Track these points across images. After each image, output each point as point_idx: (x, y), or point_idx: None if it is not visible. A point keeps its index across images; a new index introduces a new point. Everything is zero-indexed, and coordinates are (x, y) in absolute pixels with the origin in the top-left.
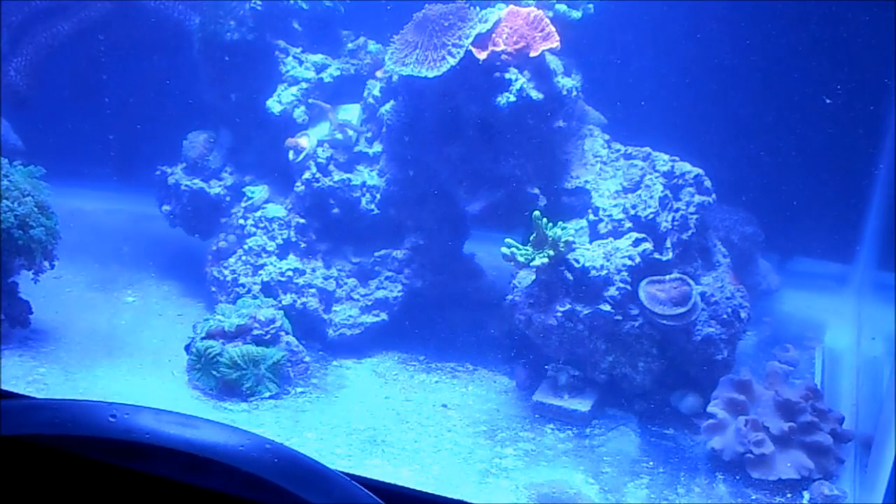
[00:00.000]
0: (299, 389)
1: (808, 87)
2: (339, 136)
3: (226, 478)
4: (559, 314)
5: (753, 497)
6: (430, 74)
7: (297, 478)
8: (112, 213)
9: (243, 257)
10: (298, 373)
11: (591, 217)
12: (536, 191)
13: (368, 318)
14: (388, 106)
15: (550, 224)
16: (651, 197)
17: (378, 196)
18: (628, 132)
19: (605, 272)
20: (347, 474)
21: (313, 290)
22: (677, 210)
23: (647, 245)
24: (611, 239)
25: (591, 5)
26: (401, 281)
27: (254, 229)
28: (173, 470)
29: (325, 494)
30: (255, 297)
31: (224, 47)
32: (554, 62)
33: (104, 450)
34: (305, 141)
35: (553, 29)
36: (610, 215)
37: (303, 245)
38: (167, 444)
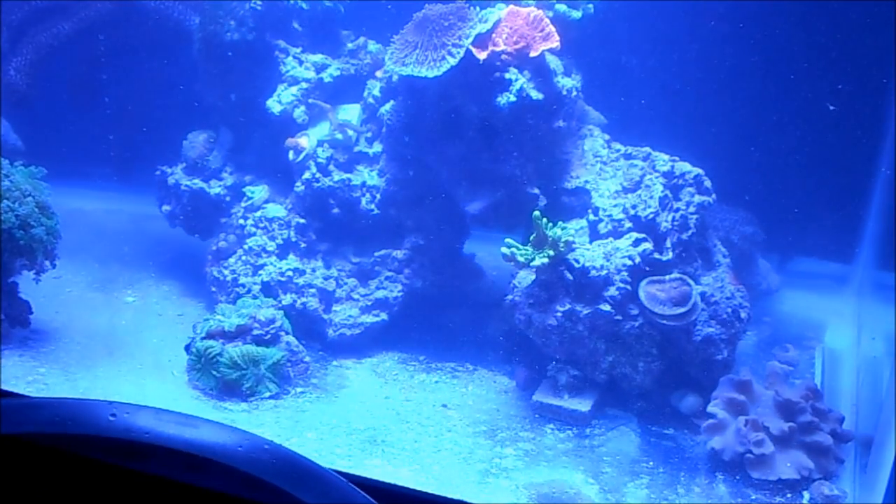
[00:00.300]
0: (299, 389)
1: (809, 87)
2: (339, 136)
3: (225, 478)
4: (559, 314)
5: (753, 497)
6: (430, 74)
7: (295, 479)
8: (112, 213)
9: (243, 257)
10: (298, 373)
11: (591, 217)
12: (536, 191)
13: (368, 318)
14: (388, 106)
15: (550, 224)
16: (651, 197)
17: (378, 196)
18: (628, 132)
19: (605, 272)
20: (345, 475)
21: (313, 290)
22: (677, 210)
23: (647, 245)
24: (611, 239)
25: (591, 5)
26: (401, 281)
27: (254, 229)
28: (172, 470)
29: (321, 496)
30: (255, 297)
31: (224, 47)
32: (554, 62)
33: (103, 449)
34: (305, 141)
35: (553, 29)
36: (610, 215)
37: (303, 245)
38: (166, 443)
